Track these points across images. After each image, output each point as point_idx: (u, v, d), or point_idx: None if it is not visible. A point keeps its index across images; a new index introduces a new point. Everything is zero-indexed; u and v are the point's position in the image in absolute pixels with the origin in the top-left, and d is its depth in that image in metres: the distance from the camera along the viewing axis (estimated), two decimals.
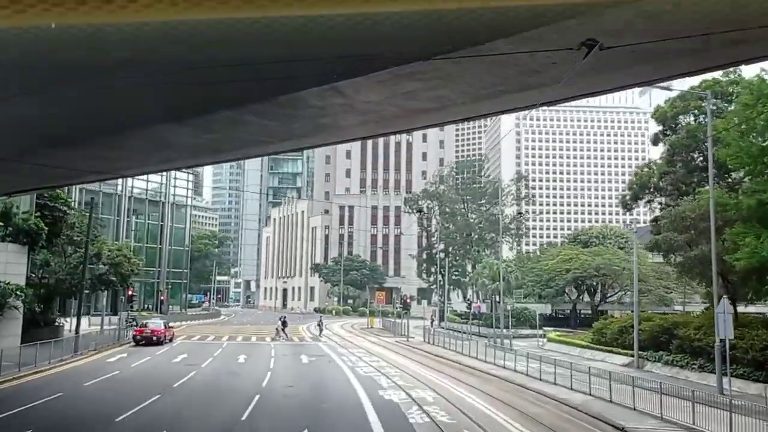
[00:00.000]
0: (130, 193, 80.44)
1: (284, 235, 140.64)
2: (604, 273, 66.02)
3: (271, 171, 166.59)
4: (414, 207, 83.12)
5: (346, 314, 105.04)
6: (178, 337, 46.28)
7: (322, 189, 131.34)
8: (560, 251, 79.53)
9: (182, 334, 49.50)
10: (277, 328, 48.36)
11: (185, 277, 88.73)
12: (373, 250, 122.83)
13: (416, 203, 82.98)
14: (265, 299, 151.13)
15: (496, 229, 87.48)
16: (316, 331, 55.42)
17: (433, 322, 79.57)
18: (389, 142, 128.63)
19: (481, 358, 33.88)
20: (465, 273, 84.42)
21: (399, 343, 45.22)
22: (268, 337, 47.76)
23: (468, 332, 51.98)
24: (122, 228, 79.18)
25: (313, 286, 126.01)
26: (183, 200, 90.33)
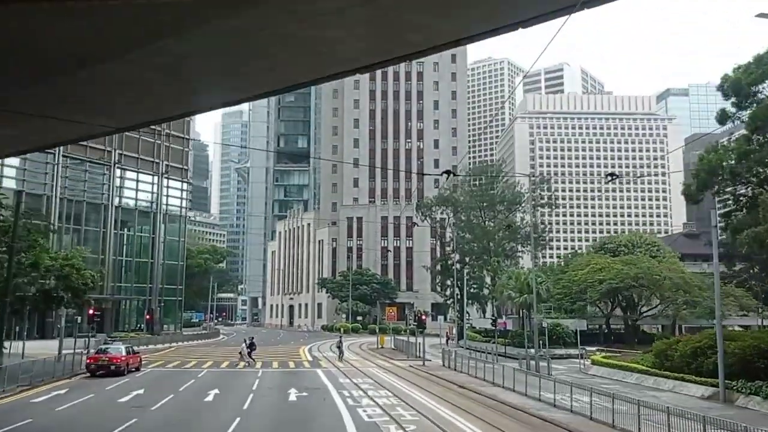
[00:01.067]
0: (118, 203, 73.91)
1: (290, 250, 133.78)
2: (642, 284, 58.47)
3: (276, 183, 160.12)
4: (427, 214, 75.94)
5: (356, 332, 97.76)
6: (152, 363, 39.30)
7: (329, 200, 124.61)
8: (589, 260, 72.11)
9: (161, 360, 42.51)
10: (240, 352, 40.68)
11: (180, 293, 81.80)
12: (383, 263, 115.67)
13: (429, 210, 75.88)
14: (271, 317, 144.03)
15: (516, 237, 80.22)
16: (331, 353, 48.31)
17: (449, 340, 72.25)
18: (399, 148, 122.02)
19: (519, 390, 26.60)
20: (483, 286, 76.92)
21: (414, 368, 37.91)
22: (260, 362, 40.64)
23: (493, 353, 44.60)
24: (109, 241, 72.52)
25: (321, 303, 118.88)
26: (178, 211, 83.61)
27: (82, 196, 70.82)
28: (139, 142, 76.90)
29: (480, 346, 55.81)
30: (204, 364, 39.34)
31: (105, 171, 73.12)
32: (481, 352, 48.61)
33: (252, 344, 41.46)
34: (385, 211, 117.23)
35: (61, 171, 68.24)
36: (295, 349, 56.36)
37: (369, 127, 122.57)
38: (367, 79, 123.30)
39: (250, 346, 41.11)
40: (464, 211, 79.74)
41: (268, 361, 42.06)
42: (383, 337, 57.50)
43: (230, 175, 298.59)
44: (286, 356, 47.35)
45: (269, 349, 55.95)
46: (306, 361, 42.19)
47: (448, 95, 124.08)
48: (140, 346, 57.58)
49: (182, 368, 36.92)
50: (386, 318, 53.87)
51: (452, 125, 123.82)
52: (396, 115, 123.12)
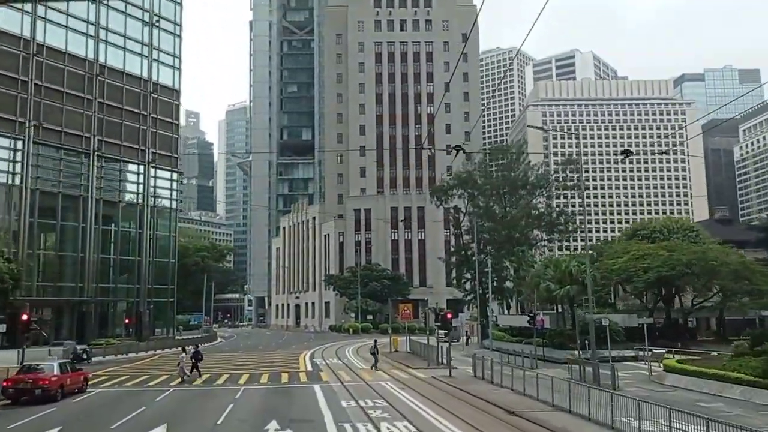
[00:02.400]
0: (99, 195, 66.40)
1: (295, 246, 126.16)
2: (696, 272, 50.36)
3: (280, 177, 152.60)
4: (443, 199, 67.90)
5: (366, 332, 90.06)
6: (111, 379, 31.69)
7: (335, 192, 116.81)
8: (626, 248, 64.08)
9: (124, 375, 34.89)
10: (179, 364, 32.12)
11: (172, 294, 74.26)
12: (394, 257, 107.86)
13: (445, 194, 67.85)
14: (276, 317, 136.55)
15: (541, 225, 72.18)
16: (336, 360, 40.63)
17: (468, 339, 64.43)
18: (409, 135, 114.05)
19: (599, 419, 18.69)
20: (507, 278, 68.82)
21: (438, 380, 30.04)
22: (247, 375, 32.99)
23: (531, 356, 36.72)
24: (90, 237, 65.01)
25: (328, 301, 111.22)
26: (168, 203, 76.07)
27: (57, 187, 63.30)
28: (122, 128, 69.46)
29: (509, 347, 47.86)
30: (176, 379, 31.67)
31: (83, 159, 65.64)
32: (514, 354, 40.74)
33: (197, 353, 33.74)
34: (394, 202, 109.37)
35: (31, 159, 60.75)
36: (294, 354, 48.68)
37: (376, 113, 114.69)
38: (372, 61, 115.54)
39: (195, 356, 33.36)
40: (483, 196, 71.83)
41: (258, 373, 34.35)
42: (397, 339, 49.68)
43: (235, 174, 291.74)
44: (281, 365, 39.67)
45: (265, 356, 48.33)
46: (303, 372, 34.37)
47: (460, 77, 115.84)
48: (117, 354, 50.26)
49: (143, 387, 29.27)
50: (400, 317, 45.99)
51: (464, 109, 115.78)
52: (404, 99, 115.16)
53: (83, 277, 64.31)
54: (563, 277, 39.33)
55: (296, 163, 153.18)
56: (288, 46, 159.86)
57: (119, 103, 69.34)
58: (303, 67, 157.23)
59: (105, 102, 67.69)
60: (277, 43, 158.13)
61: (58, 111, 63.34)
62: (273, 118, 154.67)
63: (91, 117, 66.23)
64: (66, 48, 64.22)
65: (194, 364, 32.85)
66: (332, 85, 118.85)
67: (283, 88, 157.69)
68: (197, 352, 33.93)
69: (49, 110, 62.57)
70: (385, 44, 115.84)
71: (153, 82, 73.34)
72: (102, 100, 67.38)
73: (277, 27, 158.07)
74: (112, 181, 69.00)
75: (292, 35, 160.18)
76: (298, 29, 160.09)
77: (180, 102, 77.43)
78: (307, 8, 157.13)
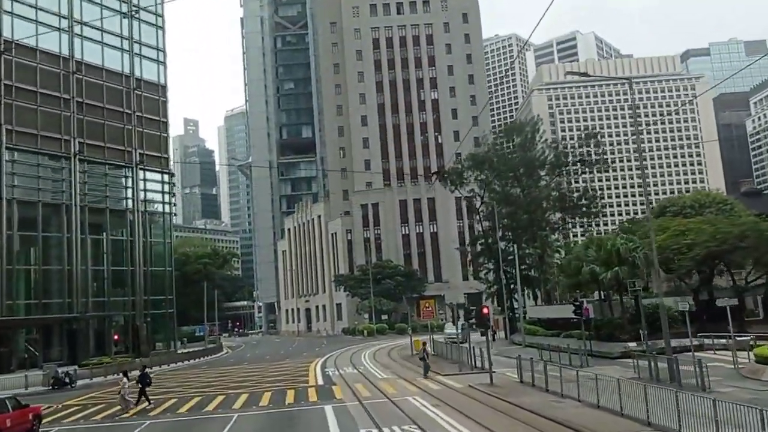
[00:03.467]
0: (83, 202, 61.05)
1: (301, 247, 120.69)
2: (750, 245, 44.55)
3: (281, 177, 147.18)
4: (458, 182, 62.00)
5: (381, 333, 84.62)
6: (87, 409, 26.23)
7: (339, 188, 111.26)
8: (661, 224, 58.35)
9: (103, 403, 29.46)
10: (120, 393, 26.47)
11: (171, 305, 68.86)
12: (406, 253, 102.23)
13: (460, 177, 61.99)
14: (287, 323, 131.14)
15: (565, 207, 66.50)
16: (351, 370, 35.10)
17: (494, 334, 58.81)
18: (413, 122, 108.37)
19: None
20: (532, 265, 63.00)
21: (477, 389, 24.40)
22: (246, 395, 27.55)
23: (581, 352, 31.08)
24: (75, 248, 59.69)
25: (340, 303, 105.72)
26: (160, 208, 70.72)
27: (36, 196, 57.95)
28: (105, 128, 64.07)
29: (545, 342, 42.25)
30: (161, 405, 26.24)
31: (64, 164, 60.28)
32: (554, 350, 35.11)
33: (144, 376, 27.97)
34: (403, 194, 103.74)
35: (5, 167, 55.45)
36: (304, 364, 43.17)
37: (377, 102, 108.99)
38: (370, 48, 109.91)
39: (142, 379, 27.72)
40: (499, 179, 66.18)
41: (259, 391, 28.82)
42: (419, 341, 43.97)
43: (238, 180, 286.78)
44: (289, 378, 34.16)
45: (271, 368, 42.85)
46: (313, 388, 28.77)
47: (463, 59, 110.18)
48: (106, 375, 44.85)
49: (115, 420, 23.78)
50: (421, 315, 40.29)
51: (470, 92, 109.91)
52: (406, 86, 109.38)
53: (71, 292, 59.01)
54: (609, 257, 33.63)
55: (298, 162, 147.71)
56: (282, 42, 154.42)
57: (100, 102, 63.95)
58: (299, 63, 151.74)
59: (84, 101, 62.31)
60: (270, 39, 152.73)
61: (32, 113, 58.00)
62: (271, 117, 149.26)
63: (70, 118, 60.86)
64: (37, 44, 58.80)
65: (141, 390, 27.23)
66: (329, 76, 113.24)
67: (280, 85, 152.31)
68: (144, 375, 28.15)
69: (23, 112, 57.28)
70: (383, 29, 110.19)
71: (136, 78, 67.94)
72: (81, 99, 61.99)
73: (270, 23, 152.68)
74: (98, 187, 63.62)
75: (285, 30, 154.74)
76: (291, 24, 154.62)
77: (167, 98, 71.98)
78: (299, 1, 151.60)
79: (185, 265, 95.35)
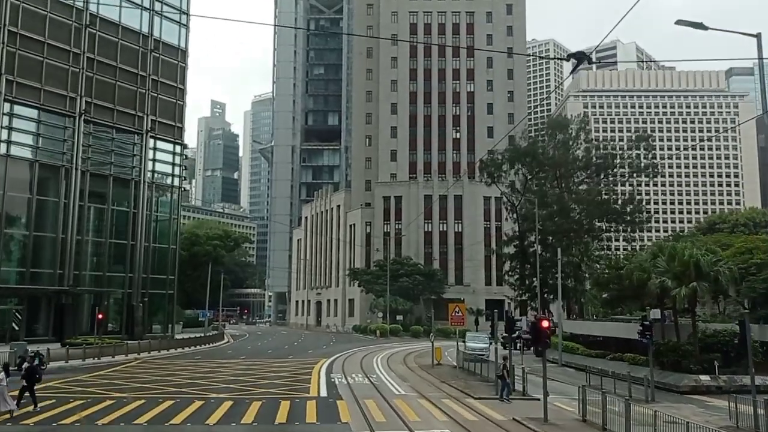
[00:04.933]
0: (85, 167, 56.17)
1: (317, 237, 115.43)
2: None
3: (303, 164, 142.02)
4: (495, 175, 55.98)
5: (395, 334, 79.09)
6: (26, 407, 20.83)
7: (362, 178, 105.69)
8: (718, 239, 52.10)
9: (53, 399, 24.15)
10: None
11: (171, 285, 63.85)
12: (427, 251, 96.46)
13: (499, 169, 55.99)
14: (296, 315, 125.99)
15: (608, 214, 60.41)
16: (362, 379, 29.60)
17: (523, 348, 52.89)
18: (446, 114, 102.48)
19: None
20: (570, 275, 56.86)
21: (530, 428, 18.61)
22: (230, 402, 22.07)
23: (647, 383, 25.24)
24: (72, 215, 54.87)
25: (353, 298, 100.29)
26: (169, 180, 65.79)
27: (33, 155, 53.18)
28: (116, 89, 59.22)
29: (587, 363, 36.38)
30: (127, 405, 20.91)
31: (67, 123, 55.44)
32: (606, 375, 29.33)
33: (33, 370, 21.81)
34: (428, 189, 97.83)
35: (1, 120, 50.70)
36: (308, 365, 37.65)
37: (409, 90, 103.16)
38: (406, 32, 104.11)
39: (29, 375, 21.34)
40: (536, 178, 60.28)
41: (246, 399, 23.29)
42: (440, 351, 38.28)
43: (260, 167, 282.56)
44: (286, 383, 28.64)
45: (271, 366, 37.41)
46: (313, 402, 23.13)
47: None
48: (87, 358, 39.70)
49: (65, 423, 18.45)
50: (450, 320, 34.41)
51: (508, 88, 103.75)
52: (441, 75, 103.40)
53: (63, 263, 54.17)
54: (685, 271, 27.62)
55: (321, 150, 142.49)
56: (315, 25, 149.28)
57: (113, 61, 59.12)
58: (330, 48, 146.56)
59: (96, 58, 57.52)
60: (303, 21, 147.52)
61: (37, 64, 53.23)
62: (297, 102, 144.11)
63: (78, 74, 56.06)
64: None
65: (26, 387, 21.18)
66: (362, 60, 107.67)
67: (309, 70, 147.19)
68: (32, 370, 21.94)
69: (26, 63, 52.51)
70: (421, 14, 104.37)
71: (154, 39, 63.06)
72: (92, 55, 57.21)
73: (304, 4, 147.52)
74: (103, 152, 58.73)
75: (319, 14, 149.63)
76: (326, 7, 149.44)
77: (187, 64, 66.99)
78: None
79: (194, 245, 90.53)
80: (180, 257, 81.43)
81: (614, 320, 44.69)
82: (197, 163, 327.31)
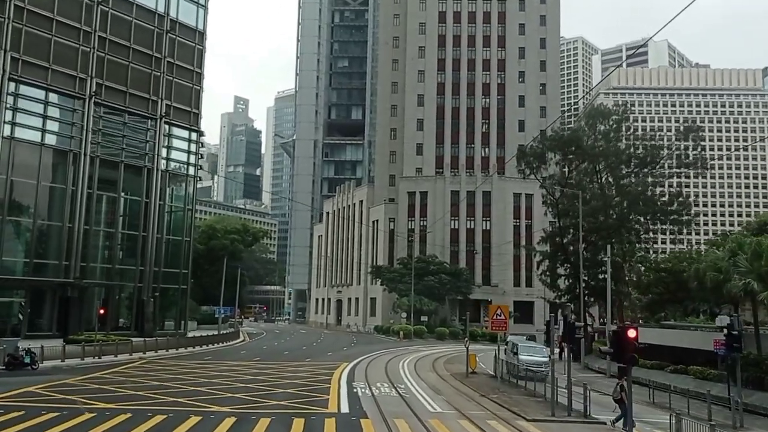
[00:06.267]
0: (94, 152, 52.90)
1: (339, 233, 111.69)
2: None
3: (325, 159, 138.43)
4: (535, 165, 51.47)
5: (419, 336, 75.00)
6: None
7: (386, 172, 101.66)
8: None
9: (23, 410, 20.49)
10: None
11: (184, 280, 60.44)
12: (453, 249, 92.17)
13: (541, 158, 51.44)
14: (316, 313, 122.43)
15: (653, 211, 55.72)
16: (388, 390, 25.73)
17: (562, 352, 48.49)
18: (475, 106, 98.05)
19: None
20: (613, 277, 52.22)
21: None
22: (230, 420, 18.17)
23: (734, 404, 20.90)
24: (80, 203, 51.61)
25: (375, 297, 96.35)
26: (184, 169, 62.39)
27: (39, 139, 49.94)
28: (129, 71, 55.89)
29: (647, 376, 32.03)
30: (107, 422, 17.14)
31: (76, 106, 52.19)
32: (675, 392, 25.08)
33: None
34: (456, 184, 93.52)
35: (6, 99, 47.54)
36: (327, 371, 33.72)
37: (437, 81, 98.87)
38: (435, 21, 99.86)
39: None
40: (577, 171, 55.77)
41: (252, 415, 19.37)
42: (474, 358, 34.04)
43: (282, 163, 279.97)
44: (302, 393, 24.72)
45: (287, 370, 33.56)
46: (332, 420, 19.13)
47: (536, 43, 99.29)
48: (84, 358, 36.17)
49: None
50: (491, 325, 29.82)
51: (541, 80, 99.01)
52: (471, 65, 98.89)
53: (70, 254, 50.89)
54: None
55: (344, 145, 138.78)
56: (340, 17, 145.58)
57: (126, 41, 55.85)
58: (355, 41, 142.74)
59: (108, 37, 54.27)
60: (328, 12, 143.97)
61: (45, 42, 50.03)
62: (321, 95, 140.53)
63: (89, 54, 52.80)
64: None
65: None
66: (388, 50, 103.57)
67: (333, 62, 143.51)
68: None
69: (33, 40, 49.34)
70: (450, 2, 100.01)
71: (171, 19, 59.71)
72: (104, 34, 53.95)
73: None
74: (114, 137, 55.43)
75: (345, 5, 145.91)
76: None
77: (205, 47, 63.55)
78: None
79: (211, 239, 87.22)
80: (196, 251, 78.28)
81: (674, 327, 40.07)
82: (220, 159, 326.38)
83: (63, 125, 51.61)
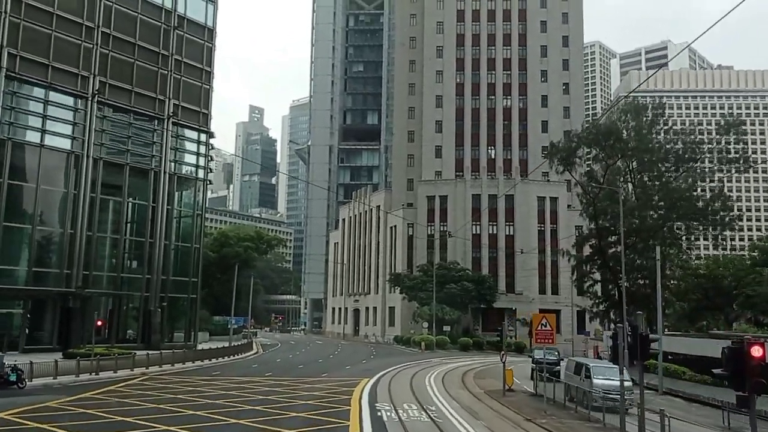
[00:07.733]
0: (97, 154, 50.00)
1: (355, 240, 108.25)
2: None
3: (341, 164, 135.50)
4: (569, 162, 47.58)
5: (441, 347, 71.23)
6: None
7: (404, 176, 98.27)
8: None
9: None
10: None
11: (194, 289, 57.24)
12: (475, 256, 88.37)
13: (574, 153, 47.70)
14: (332, 323, 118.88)
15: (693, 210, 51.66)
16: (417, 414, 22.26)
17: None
18: (495, 107, 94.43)
19: None
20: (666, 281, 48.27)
21: None
22: None
23: None
24: (82, 208, 48.65)
25: (393, 306, 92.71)
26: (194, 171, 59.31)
27: (38, 140, 47.06)
28: (134, 69, 53.08)
29: (706, 393, 28.10)
30: None
31: (78, 105, 49.37)
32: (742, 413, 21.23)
33: None
34: (477, 188, 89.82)
35: (2, 98, 44.77)
36: (346, 388, 30.16)
37: (456, 81, 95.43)
38: (453, 20, 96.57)
39: None
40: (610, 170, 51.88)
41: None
42: (511, 374, 30.27)
43: (298, 171, 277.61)
44: (319, 415, 21.20)
45: (300, 388, 30.02)
46: None
47: (558, 41, 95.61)
48: (79, 374, 32.88)
49: None
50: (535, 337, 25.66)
51: (564, 80, 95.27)
52: (491, 65, 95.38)
53: (72, 262, 47.91)
54: None
55: (360, 150, 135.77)
56: (354, 21, 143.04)
57: (131, 37, 53.10)
58: (370, 45, 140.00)
59: (111, 33, 51.59)
60: (342, 17, 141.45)
61: (45, 38, 47.35)
62: (336, 100, 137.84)
63: (92, 50, 50.07)
64: None
65: None
66: (404, 51, 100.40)
67: (348, 67, 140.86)
68: None
69: (32, 35, 46.65)
70: (469, 0, 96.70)
71: (178, 15, 56.97)
72: (107, 30, 51.26)
73: (343, 0, 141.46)
74: (118, 138, 52.56)
75: (359, 9, 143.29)
76: (366, 2, 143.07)
77: (214, 44, 60.63)
78: None
79: (223, 246, 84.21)
80: (208, 259, 75.25)
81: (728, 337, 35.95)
82: (235, 168, 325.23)
83: (64, 125, 48.78)
